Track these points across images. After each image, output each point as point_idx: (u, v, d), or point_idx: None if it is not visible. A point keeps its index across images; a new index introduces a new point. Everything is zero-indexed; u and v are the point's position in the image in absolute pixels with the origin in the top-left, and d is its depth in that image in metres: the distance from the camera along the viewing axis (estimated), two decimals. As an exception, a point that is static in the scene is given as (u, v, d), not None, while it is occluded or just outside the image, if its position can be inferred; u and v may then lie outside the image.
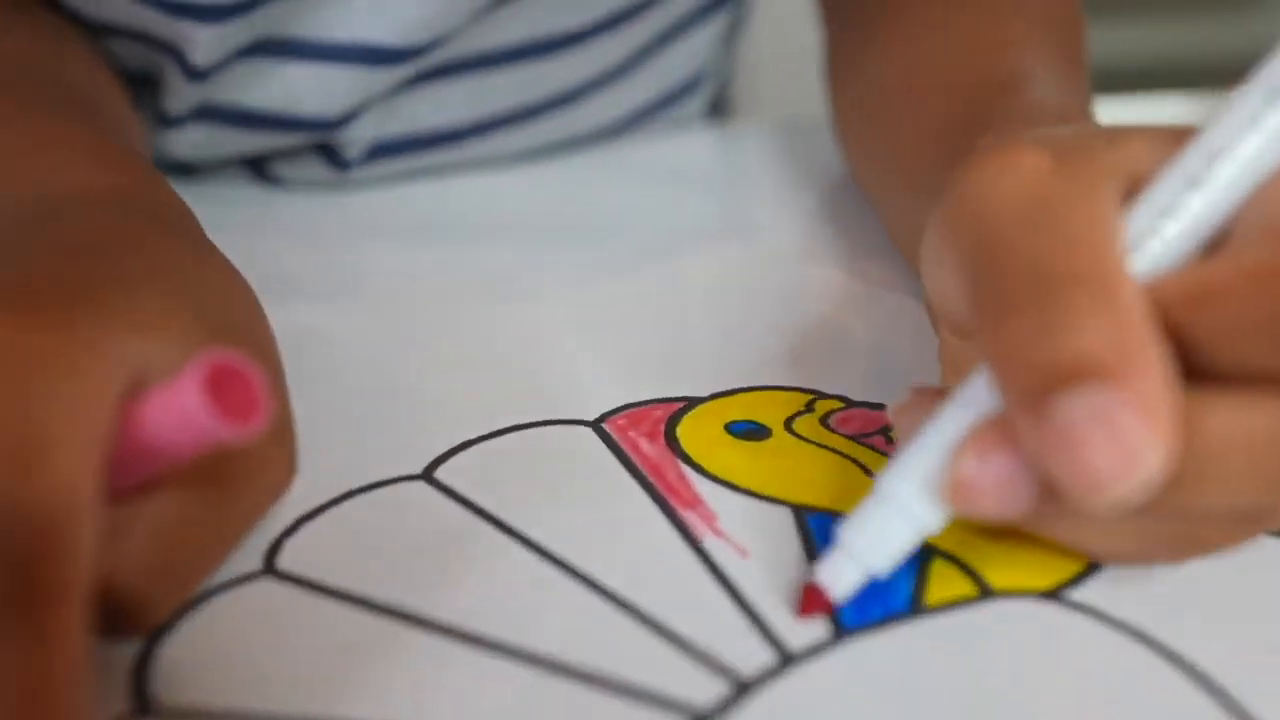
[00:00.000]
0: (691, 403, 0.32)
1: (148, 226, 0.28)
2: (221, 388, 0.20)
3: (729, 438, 0.31)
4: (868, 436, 0.31)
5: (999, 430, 0.22)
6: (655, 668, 0.23)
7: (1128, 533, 0.24)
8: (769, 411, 0.32)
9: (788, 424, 0.31)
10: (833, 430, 0.31)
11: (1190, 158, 0.22)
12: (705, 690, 0.23)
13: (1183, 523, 0.23)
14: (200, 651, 0.23)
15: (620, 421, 0.31)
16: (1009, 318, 0.21)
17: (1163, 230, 0.22)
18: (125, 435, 0.21)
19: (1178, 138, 0.23)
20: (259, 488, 0.26)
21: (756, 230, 0.46)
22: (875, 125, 0.41)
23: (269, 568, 0.26)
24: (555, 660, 0.23)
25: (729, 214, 0.49)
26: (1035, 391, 0.20)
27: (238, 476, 0.24)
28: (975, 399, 0.23)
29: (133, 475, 0.22)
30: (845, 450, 0.30)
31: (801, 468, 0.29)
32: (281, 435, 0.27)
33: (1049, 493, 0.21)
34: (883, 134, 0.40)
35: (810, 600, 0.24)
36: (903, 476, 0.23)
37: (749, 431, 0.31)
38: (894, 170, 0.38)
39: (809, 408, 0.32)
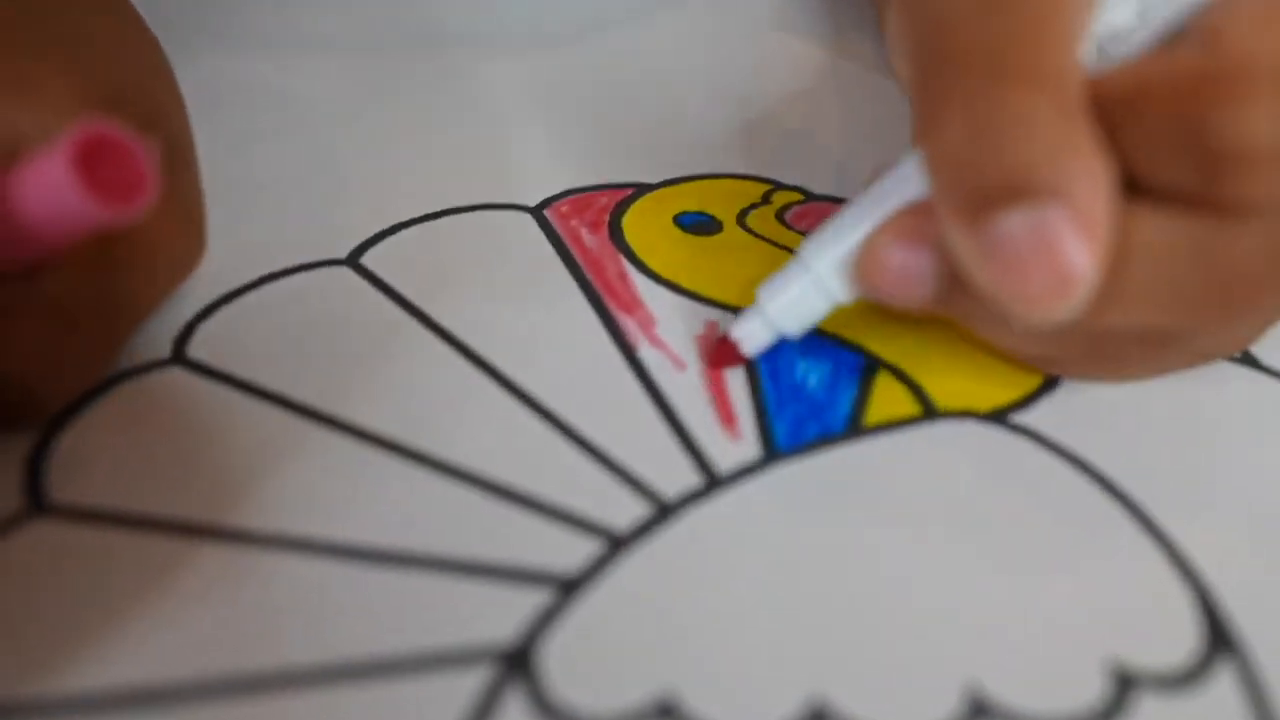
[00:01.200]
0: (641, 190, 0.30)
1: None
2: (98, 162, 0.18)
3: (677, 231, 0.29)
4: (823, 235, 0.29)
5: (919, 220, 0.21)
6: (575, 486, 0.22)
7: (1042, 339, 0.23)
8: (722, 202, 0.30)
9: (740, 217, 0.30)
10: (788, 226, 0.29)
11: None
12: (626, 512, 0.22)
13: (1097, 337, 0.22)
14: (100, 445, 0.22)
15: (563, 208, 0.29)
16: (948, 116, 0.20)
17: (1119, 14, 0.20)
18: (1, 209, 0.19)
19: None
20: (162, 267, 0.24)
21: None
22: None
23: (178, 355, 0.25)
24: (471, 472, 0.22)
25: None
26: (971, 204, 0.19)
27: (138, 254, 0.23)
28: (907, 181, 0.22)
29: (13, 253, 0.20)
30: (796, 247, 0.28)
31: (749, 267, 0.28)
32: (189, 210, 0.25)
33: (962, 287, 0.21)
34: None
35: (722, 353, 0.25)
36: (822, 249, 0.23)
37: (699, 224, 0.29)
38: None
39: (765, 199, 0.30)
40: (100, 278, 0.22)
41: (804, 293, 0.24)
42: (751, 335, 0.25)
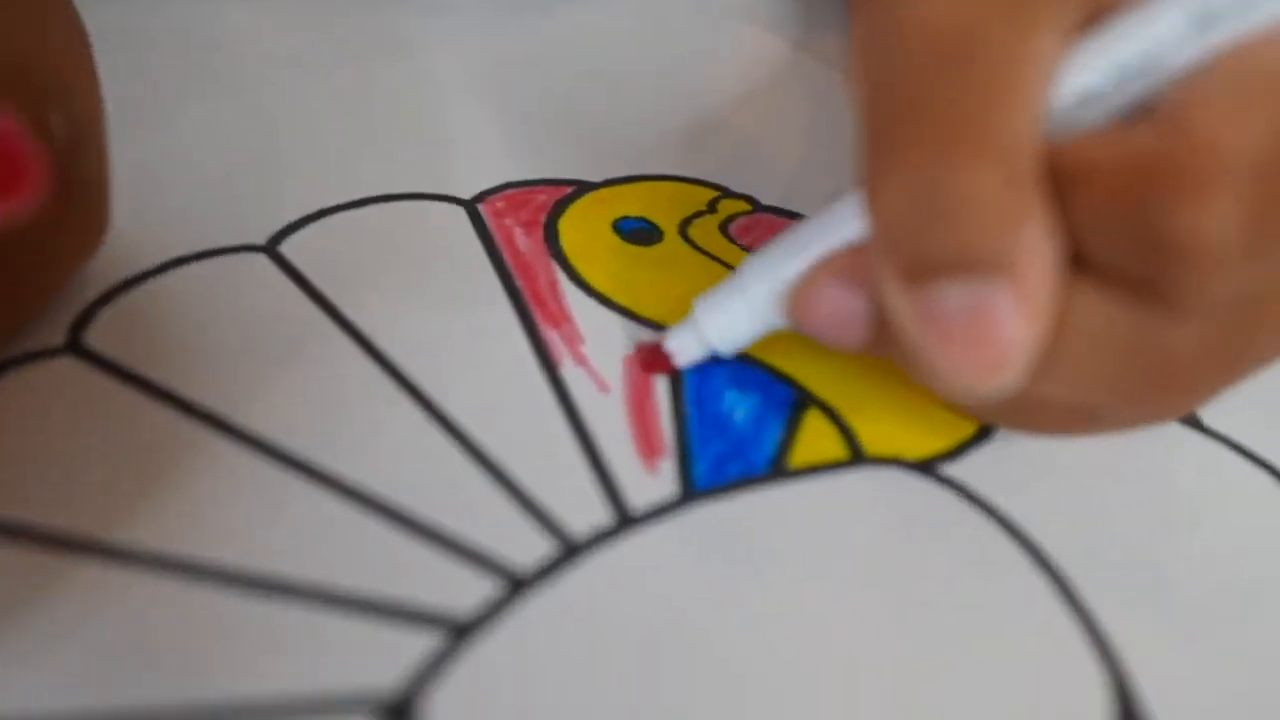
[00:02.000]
0: (582, 189, 0.29)
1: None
2: None
3: (615, 239, 0.28)
4: (767, 252, 0.28)
5: (861, 262, 0.21)
6: (480, 517, 0.21)
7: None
8: (665, 208, 0.29)
9: (683, 226, 0.28)
10: (731, 240, 0.28)
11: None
12: (530, 549, 0.21)
13: (1029, 401, 0.21)
14: (-21, 442, 0.21)
15: (499, 204, 0.28)
16: (892, 178, 0.19)
17: (1091, 77, 0.19)
18: None
19: None
20: (56, 252, 0.23)
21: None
22: None
23: (73, 343, 0.23)
24: (369, 494, 0.21)
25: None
26: (910, 268, 0.18)
27: (30, 239, 0.21)
28: (856, 218, 0.21)
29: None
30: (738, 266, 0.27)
31: (686, 283, 0.27)
32: (89, 192, 0.23)
33: (896, 339, 0.20)
34: None
35: (653, 359, 0.24)
36: (761, 273, 0.23)
37: (639, 232, 0.28)
38: None
39: (711, 207, 0.29)
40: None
41: (739, 314, 0.23)
42: (684, 349, 0.24)
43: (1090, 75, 0.19)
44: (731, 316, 0.23)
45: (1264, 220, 0.17)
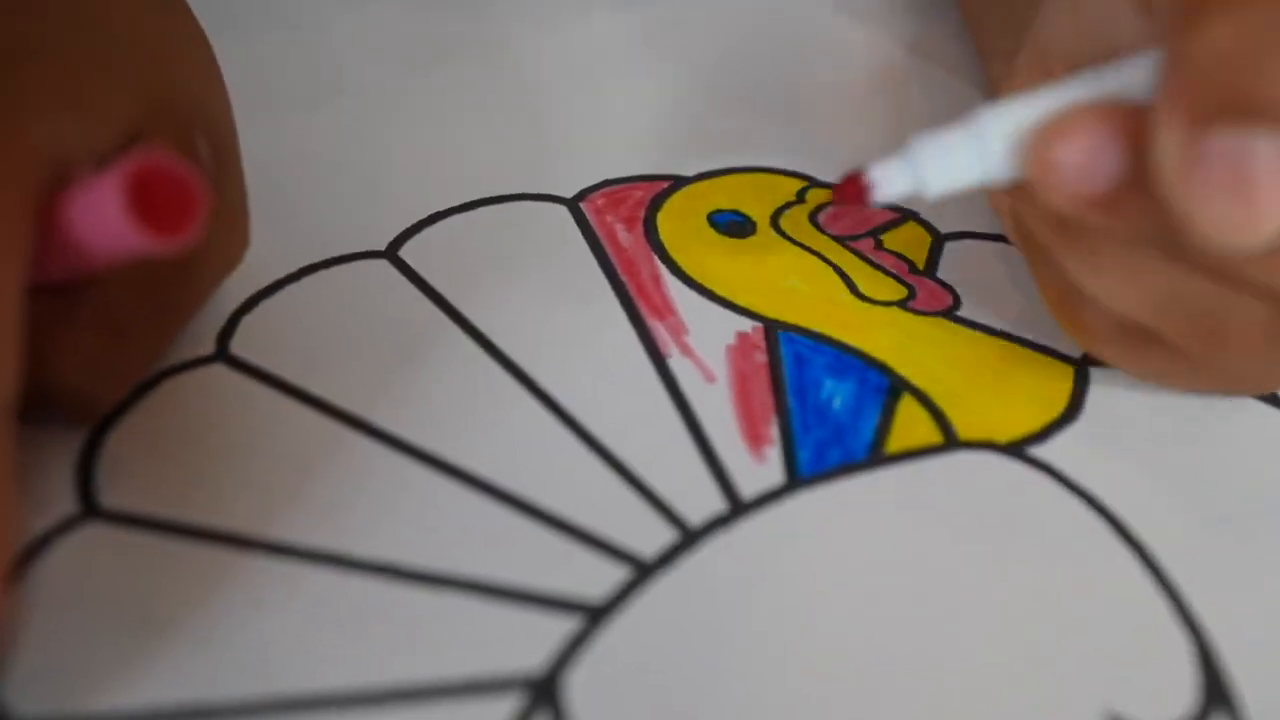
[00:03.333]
0: (678, 183, 0.31)
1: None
2: (149, 191, 0.18)
3: (711, 232, 0.29)
4: (855, 239, 0.29)
5: (1125, 114, 0.20)
6: (605, 507, 0.23)
7: (1146, 301, 0.23)
8: (757, 200, 0.30)
9: (774, 217, 0.30)
10: (820, 229, 0.30)
11: None
12: (653, 538, 0.22)
13: (1215, 303, 0.22)
14: (146, 448, 0.23)
15: (599, 201, 0.30)
16: (1218, 16, 0.19)
17: None
18: (53, 228, 0.20)
19: None
20: (207, 268, 0.25)
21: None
22: None
23: (222, 351, 0.25)
24: (502, 488, 0.23)
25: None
26: (1203, 110, 0.19)
27: (186, 260, 0.23)
28: (1117, 79, 0.21)
29: (67, 265, 0.21)
30: (828, 254, 0.29)
31: (781, 274, 0.28)
32: (233, 210, 0.25)
33: (1132, 200, 0.20)
34: None
35: (850, 188, 0.24)
36: (1001, 115, 0.22)
37: (733, 224, 0.30)
38: None
39: (800, 197, 0.31)
40: (148, 286, 0.22)
41: (962, 151, 0.22)
42: (889, 179, 0.23)
43: None
44: (956, 156, 0.22)
45: None
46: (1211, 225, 0.19)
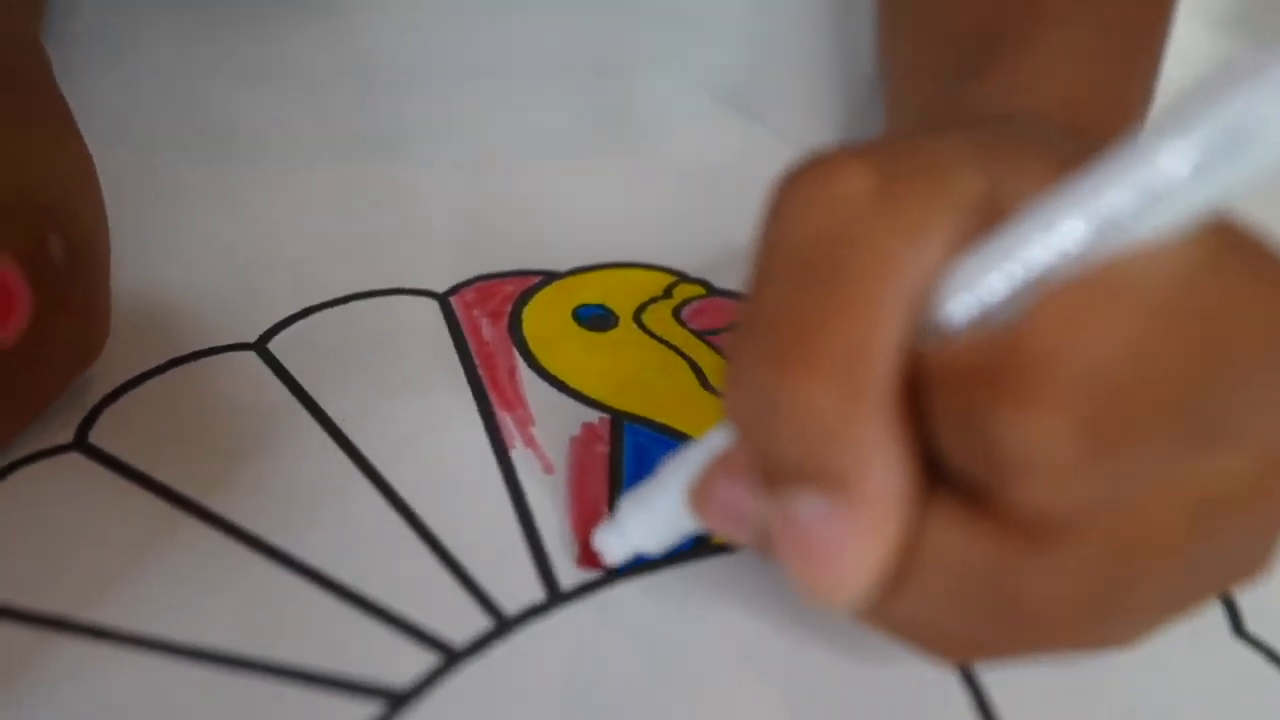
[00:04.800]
0: (548, 278, 0.32)
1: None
2: None
3: (573, 326, 0.30)
4: (713, 334, 0.30)
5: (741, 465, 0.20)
6: (425, 595, 0.24)
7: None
8: (624, 295, 0.31)
9: (638, 313, 0.31)
10: (682, 324, 0.31)
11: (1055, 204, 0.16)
12: (467, 624, 0.23)
13: (904, 625, 0.20)
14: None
15: (469, 296, 0.31)
16: (747, 382, 0.18)
17: (983, 285, 0.17)
18: None
19: (1069, 164, 0.17)
20: (58, 362, 0.26)
21: (679, 52, 0.43)
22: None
23: (80, 440, 0.26)
24: (324, 573, 0.24)
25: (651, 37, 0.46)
26: (764, 473, 0.18)
27: (33, 353, 0.24)
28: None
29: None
30: (685, 348, 0.30)
31: (636, 367, 0.29)
32: (91, 306, 0.26)
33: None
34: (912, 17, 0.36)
35: (586, 556, 0.25)
36: (680, 470, 0.22)
37: (595, 318, 0.31)
38: (912, 52, 0.35)
39: (667, 293, 0.32)
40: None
41: (660, 512, 0.23)
42: (609, 548, 0.24)
43: (976, 282, 0.17)
44: (655, 515, 0.23)
45: (1101, 439, 0.16)
46: (805, 590, 0.18)
